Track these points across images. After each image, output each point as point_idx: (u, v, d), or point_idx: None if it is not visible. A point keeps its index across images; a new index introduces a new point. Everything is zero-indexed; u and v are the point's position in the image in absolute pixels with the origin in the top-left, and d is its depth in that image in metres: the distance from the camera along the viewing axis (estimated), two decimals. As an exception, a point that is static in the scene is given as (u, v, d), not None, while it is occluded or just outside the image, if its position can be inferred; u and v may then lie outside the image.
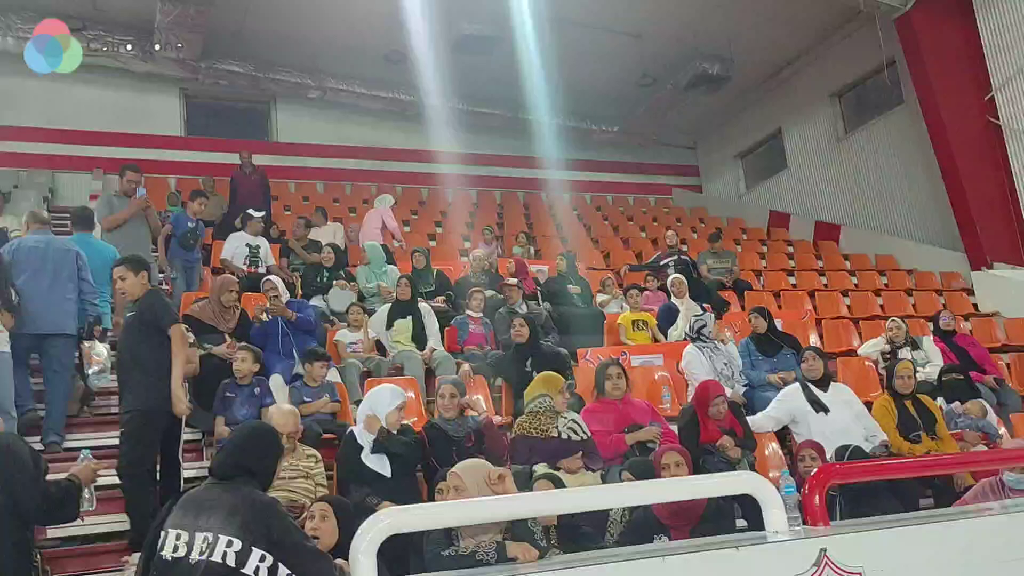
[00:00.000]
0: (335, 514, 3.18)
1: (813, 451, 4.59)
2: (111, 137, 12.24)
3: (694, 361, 6.10)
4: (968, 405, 5.57)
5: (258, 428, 2.89)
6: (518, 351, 6.03)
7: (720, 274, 9.70)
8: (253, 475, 2.69)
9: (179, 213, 8.00)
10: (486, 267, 8.09)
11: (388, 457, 4.22)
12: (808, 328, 8.04)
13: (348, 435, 4.36)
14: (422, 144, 14.25)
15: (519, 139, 14.94)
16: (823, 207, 14.06)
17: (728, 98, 14.83)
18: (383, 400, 4.32)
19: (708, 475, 3.83)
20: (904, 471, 3.74)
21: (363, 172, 14.15)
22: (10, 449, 3.24)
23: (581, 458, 4.48)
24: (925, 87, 10.86)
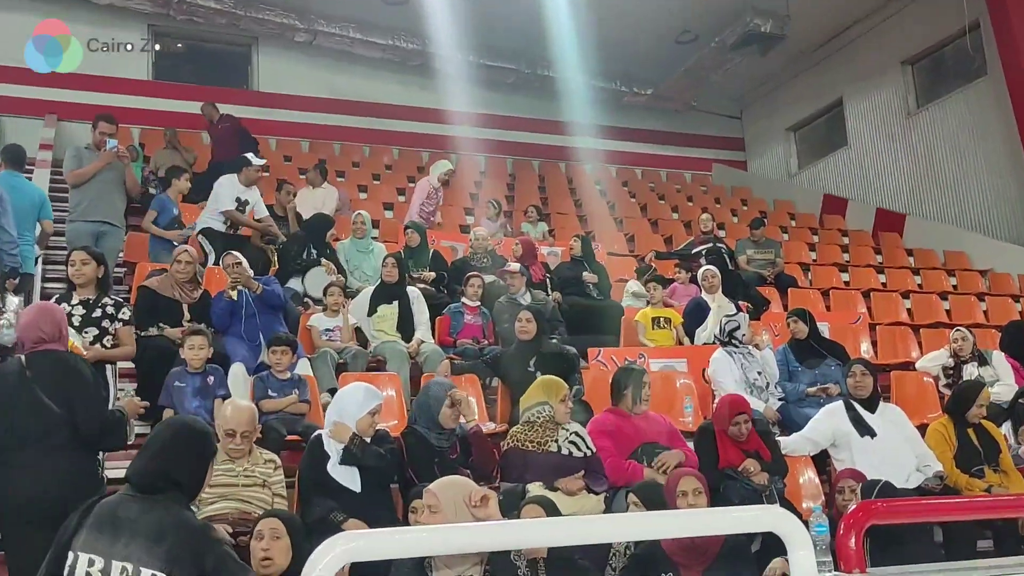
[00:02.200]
0: (288, 532, 3.14)
1: (854, 482, 4.52)
2: (67, 79, 12.18)
3: (722, 369, 6.03)
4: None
5: (185, 427, 2.80)
6: (520, 348, 5.98)
7: (761, 267, 9.62)
8: (178, 486, 2.62)
9: (163, 197, 7.92)
10: (488, 247, 8.02)
11: (359, 470, 4.18)
12: (860, 335, 7.97)
13: (314, 440, 4.32)
14: (424, 100, 14.18)
15: (536, 99, 14.85)
16: (886, 193, 13.92)
17: (781, 61, 14.67)
18: (354, 401, 4.28)
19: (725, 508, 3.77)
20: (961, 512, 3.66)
21: (355, 130, 14.08)
22: (72, 367, 3.69)
23: (583, 478, 4.43)
24: (1012, 56, 10.70)
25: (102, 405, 3.87)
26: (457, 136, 13.97)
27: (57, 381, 3.63)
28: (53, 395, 3.61)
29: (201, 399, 4.89)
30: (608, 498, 4.52)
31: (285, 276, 7.16)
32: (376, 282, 6.94)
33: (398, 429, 4.90)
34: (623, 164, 15.81)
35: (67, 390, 3.63)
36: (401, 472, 4.41)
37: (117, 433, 3.80)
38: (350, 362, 6.08)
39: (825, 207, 14.64)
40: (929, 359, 7.10)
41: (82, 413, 3.61)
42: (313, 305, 6.88)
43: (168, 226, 7.62)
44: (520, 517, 3.74)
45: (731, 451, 4.79)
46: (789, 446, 5.27)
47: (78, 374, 3.69)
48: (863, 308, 9.22)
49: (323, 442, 4.27)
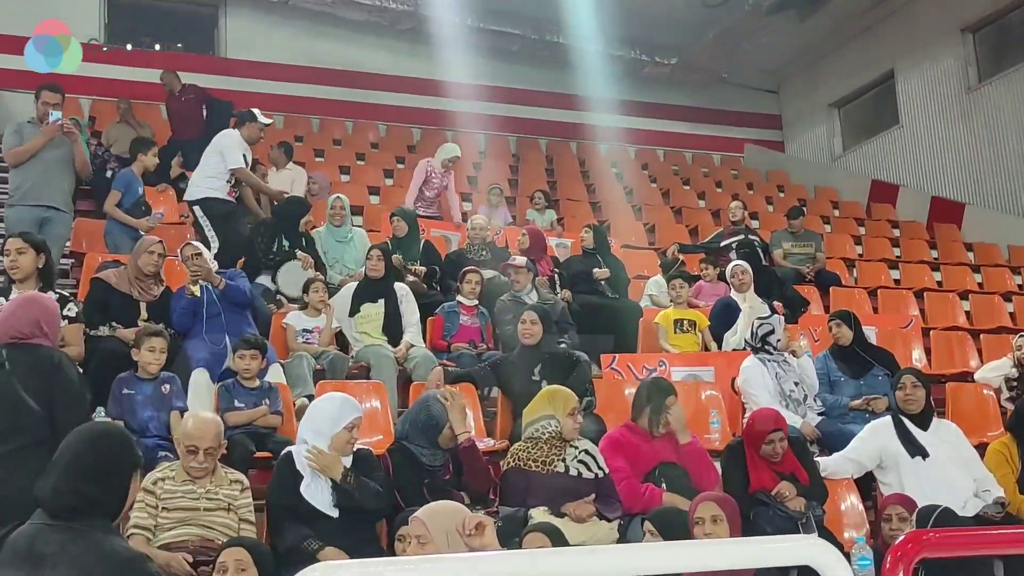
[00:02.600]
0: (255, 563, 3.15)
1: (903, 509, 4.52)
2: (6, 42, 12.21)
3: (754, 379, 6.03)
4: None
5: (98, 437, 2.76)
6: (524, 354, 5.99)
7: (799, 262, 9.62)
8: (98, 506, 2.59)
9: (127, 173, 7.86)
10: (488, 238, 8.03)
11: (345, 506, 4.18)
12: (912, 341, 7.98)
13: (283, 459, 4.31)
14: (415, 70, 14.20)
15: (545, 70, 14.85)
16: (943, 179, 13.92)
17: (824, 28, 14.67)
18: (328, 415, 4.27)
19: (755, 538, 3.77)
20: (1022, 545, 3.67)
21: (336, 103, 14.11)
22: (56, 365, 3.84)
23: (593, 503, 4.44)
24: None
25: (85, 407, 4.01)
26: (453, 111, 13.99)
27: (39, 378, 3.77)
28: (34, 392, 3.73)
29: (155, 410, 4.89)
30: (622, 526, 4.53)
31: (254, 271, 7.14)
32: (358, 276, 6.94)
33: (383, 445, 4.91)
34: (643, 144, 15.82)
35: (49, 388, 3.76)
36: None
37: None
38: (328, 369, 6.08)
39: (873, 195, 14.64)
40: (990, 369, 7.11)
41: (62, 413, 3.71)
42: (287, 303, 6.88)
43: (132, 209, 7.58)
44: (522, 547, 3.75)
45: (763, 473, 4.79)
46: (829, 467, 5.26)
47: (62, 373, 3.83)
48: (915, 310, 9.24)
49: (294, 460, 4.27)
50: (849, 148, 15.95)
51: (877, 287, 9.85)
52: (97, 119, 11.70)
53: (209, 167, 7.49)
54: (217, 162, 7.46)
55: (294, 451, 4.32)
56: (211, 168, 7.47)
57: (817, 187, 15.06)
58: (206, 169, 7.52)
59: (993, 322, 9.24)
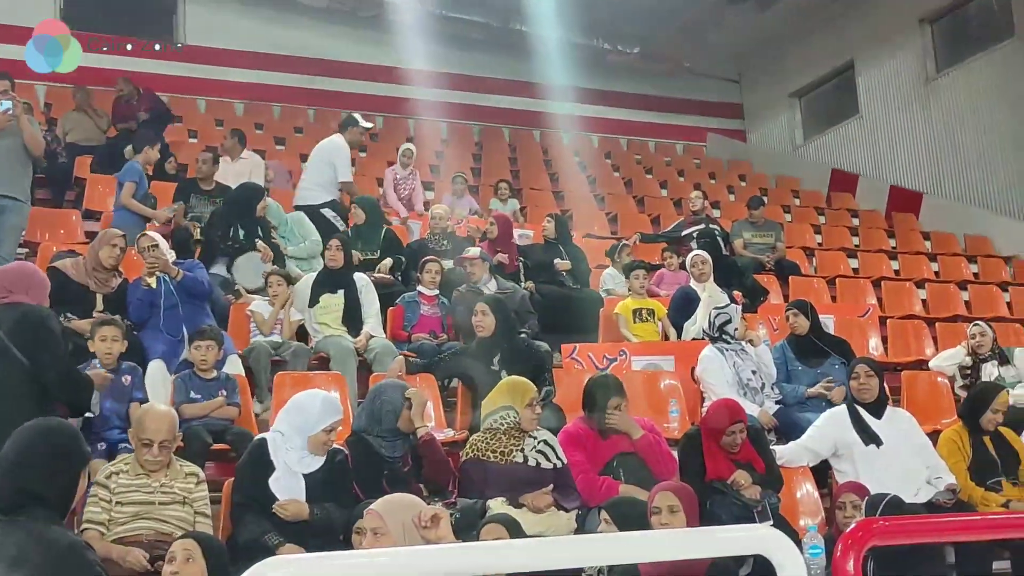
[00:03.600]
0: (205, 556, 3.14)
1: (856, 497, 4.59)
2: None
3: (713, 368, 6.08)
4: None
5: (46, 432, 2.75)
6: (483, 344, 5.98)
7: (759, 252, 9.69)
8: (44, 501, 2.58)
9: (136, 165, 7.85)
10: (448, 228, 8.02)
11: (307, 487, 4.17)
12: (868, 330, 8.08)
13: (256, 445, 4.27)
14: (378, 57, 14.12)
15: (508, 58, 14.82)
16: (902, 168, 14.09)
17: (785, 18, 14.74)
18: (309, 414, 4.22)
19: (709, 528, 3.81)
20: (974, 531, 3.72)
21: (297, 91, 14.01)
22: (41, 319, 4.15)
23: (552, 493, 4.46)
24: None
25: (67, 358, 4.34)
26: (416, 99, 13.93)
27: (23, 331, 4.06)
28: (19, 344, 4.03)
29: (113, 401, 4.84)
30: (581, 516, 4.55)
31: (210, 261, 7.08)
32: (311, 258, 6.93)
33: (342, 437, 4.89)
34: (606, 133, 15.88)
35: (33, 341, 4.06)
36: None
37: (79, 391, 4.28)
38: (290, 360, 6.05)
39: (833, 184, 14.79)
40: (944, 357, 7.20)
41: (45, 360, 4.06)
42: (246, 293, 6.83)
43: (142, 201, 7.59)
44: (479, 538, 3.75)
45: (720, 462, 4.83)
46: (785, 456, 5.32)
47: (46, 327, 4.16)
48: (873, 299, 9.35)
49: (267, 448, 4.23)
50: (810, 138, 16.08)
51: (836, 276, 9.96)
52: (53, 106, 11.53)
53: (320, 175, 8.04)
54: (328, 172, 8.00)
55: (268, 439, 4.27)
56: (322, 176, 8.03)
57: (778, 176, 15.18)
58: (316, 177, 8.07)
59: (949, 310, 9.37)
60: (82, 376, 4.34)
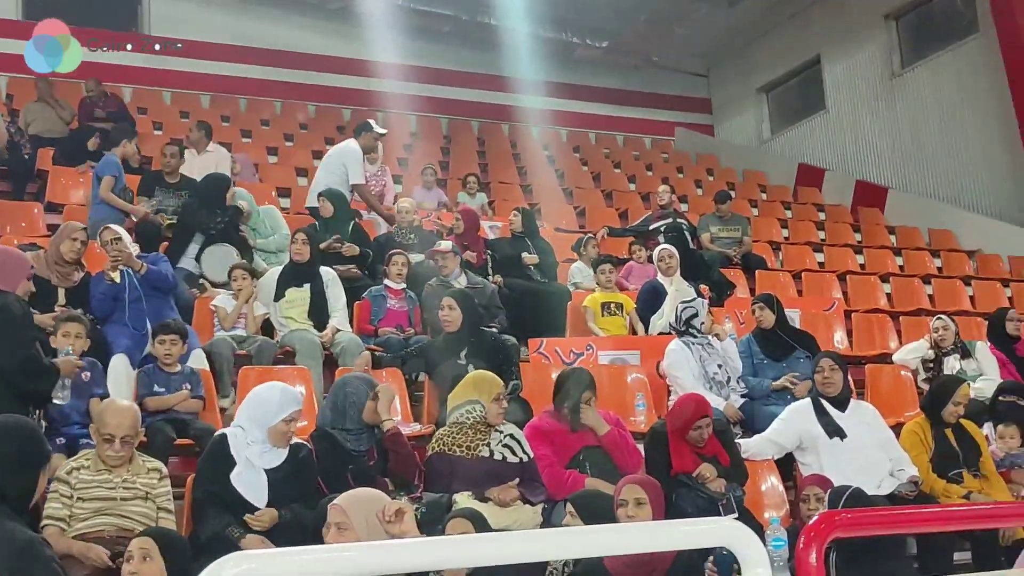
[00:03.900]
0: (162, 553, 3.11)
1: (820, 490, 4.62)
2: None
3: (679, 362, 6.10)
4: (1002, 429, 5.65)
5: (3, 429, 2.75)
6: (450, 338, 5.97)
7: (726, 246, 9.72)
8: (2, 498, 2.57)
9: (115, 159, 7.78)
10: (415, 222, 7.98)
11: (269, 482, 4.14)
12: (833, 323, 8.14)
13: (216, 441, 4.25)
14: (345, 50, 14.06)
15: (476, 51, 14.80)
16: (868, 163, 14.22)
17: (753, 12, 14.83)
18: (267, 405, 4.21)
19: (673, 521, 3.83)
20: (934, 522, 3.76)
21: (264, 83, 13.92)
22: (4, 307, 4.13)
23: (518, 487, 4.46)
24: (1006, 12, 10.96)
25: (26, 344, 4.25)
26: (384, 92, 13.85)
27: None
28: None
29: (75, 397, 4.78)
30: (547, 510, 4.55)
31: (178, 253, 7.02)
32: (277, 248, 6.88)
33: (308, 431, 4.87)
34: (574, 127, 15.91)
35: None
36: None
37: (37, 381, 4.25)
38: (255, 355, 6.01)
39: (800, 178, 14.88)
40: (908, 351, 7.27)
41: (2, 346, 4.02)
42: (211, 288, 6.78)
43: (120, 195, 7.51)
44: (445, 533, 3.75)
45: (685, 455, 4.86)
46: (750, 449, 5.36)
47: (6, 311, 4.12)
48: (838, 293, 9.42)
49: (228, 444, 4.21)
50: (777, 132, 16.19)
51: (802, 270, 10.01)
52: (15, 97, 11.37)
53: (332, 177, 8.12)
54: (341, 173, 8.13)
55: (228, 434, 4.25)
56: (333, 178, 8.11)
57: (745, 171, 15.25)
58: (328, 179, 8.12)
59: (913, 304, 9.45)
60: (43, 365, 4.26)
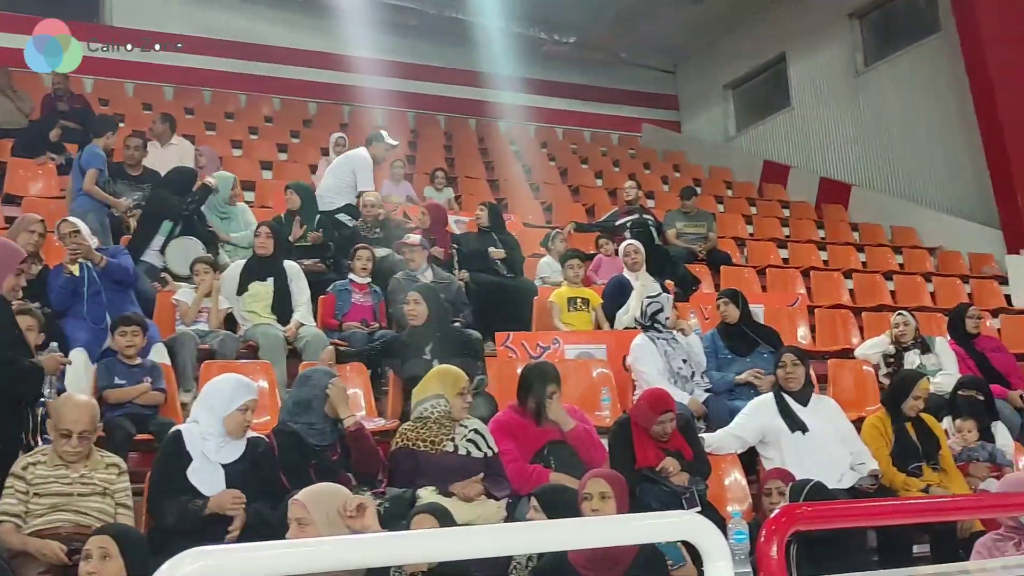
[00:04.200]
0: (122, 552, 3.07)
1: (782, 483, 4.65)
2: None
3: (644, 357, 6.12)
4: (959, 423, 5.72)
5: None
6: (415, 333, 5.95)
7: (692, 241, 9.77)
8: None
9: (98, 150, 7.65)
10: (380, 216, 7.94)
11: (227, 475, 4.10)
12: (797, 319, 8.18)
13: (171, 437, 4.21)
14: (312, 43, 13.97)
15: (444, 46, 14.76)
16: (832, 160, 14.33)
17: (720, 10, 14.91)
18: (221, 395, 4.18)
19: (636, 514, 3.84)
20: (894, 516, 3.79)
21: (229, 75, 13.80)
22: None
23: (482, 481, 4.45)
24: (966, 12, 11.07)
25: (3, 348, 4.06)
26: (351, 85, 13.80)
27: None
28: None
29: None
30: (511, 505, 4.55)
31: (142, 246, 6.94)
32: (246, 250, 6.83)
33: (270, 426, 4.83)
34: (542, 122, 15.88)
35: None
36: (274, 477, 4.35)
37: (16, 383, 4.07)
38: (218, 349, 5.96)
39: (765, 175, 14.98)
40: (869, 346, 7.33)
41: None
42: (172, 281, 6.70)
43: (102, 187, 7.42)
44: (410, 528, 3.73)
45: (649, 449, 4.87)
46: (714, 443, 5.38)
47: None
48: (802, 289, 9.47)
49: (183, 440, 4.17)
50: (743, 129, 16.28)
51: (766, 266, 10.08)
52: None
53: (340, 182, 8.24)
54: (349, 180, 8.21)
55: (184, 430, 4.22)
56: (341, 183, 8.22)
57: (711, 167, 15.32)
58: (335, 184, 8.25)
59: (875, 300, 9.55)
60: (23, 367, 4.08)
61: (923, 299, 9.86)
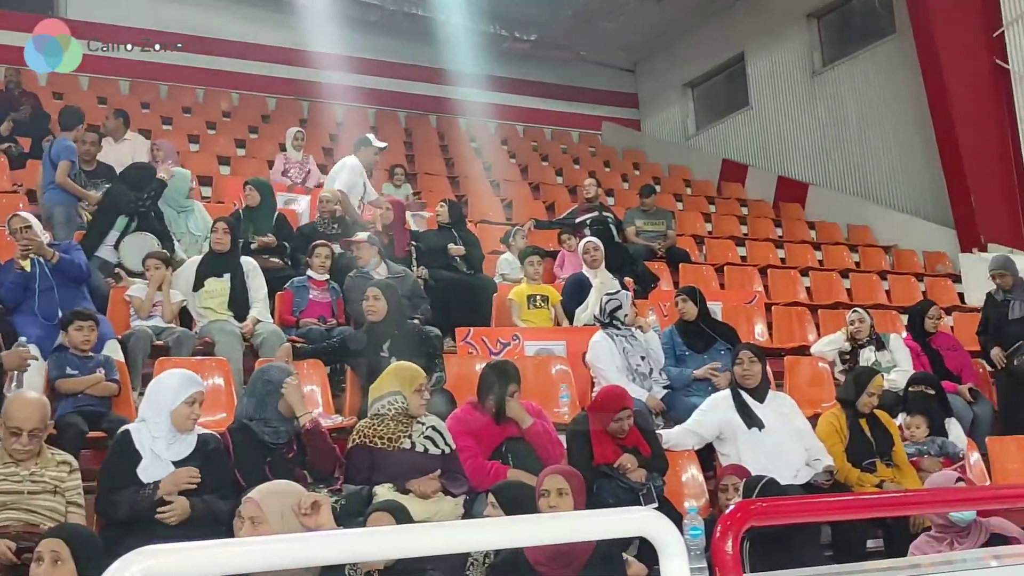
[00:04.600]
0: (74, 555, 3.02)
1: (738, 479, 4.68)
2: None
3: (602, 354, 6.13)
4: (909, 419, 5.80)
5: None
6: (373, 329, 5.92)
7: (651, 239, 9.81)
8: None
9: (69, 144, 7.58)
10: (336, 212, 7.89)
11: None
12: (754, 316, 8.25)
13: (121, 436, 4.15)
14: (271, 38, 13.88)
15: (404, 42, 14.72)
16: (789, 159, 14.45)
17: (680, 9, 14.98)
18: (167, 390, 4.13)
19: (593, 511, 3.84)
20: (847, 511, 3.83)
21: (186, 69, 13.61)
22: None
23: (439, 478, 4.44)
24: (922, 14, 11.21)
25: None
26: (309, 81, 13.70)
27: None
28: None
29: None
30: (468, 502, 4.54)
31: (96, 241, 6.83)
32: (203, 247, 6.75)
33: (226, 424, 4.78)
34: (502, 119, 15.87)
35: None
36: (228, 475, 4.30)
37: None
38: (173, 346, 5.88)
39: (724, 174, 15.09)
40: (825, 343, 7.41)
41: None
42: (127, 277, 6.61)
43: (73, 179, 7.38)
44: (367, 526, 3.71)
45: (607, 446, 4.88)
46: (671, 439, 5.40)
47: None
48: (759, 286, 9.55)
49: (132, 438, 4.11)
50: (702, 128, 16.37)
51: (724, 264, 10.13)
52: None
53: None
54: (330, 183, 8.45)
55: (132, 429, 4.16)
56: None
57: (671, 165, 15.41)
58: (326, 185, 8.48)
59: (831, 298, 9.65)
60: None
61: (878, 297, 9.99)
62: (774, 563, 3.85)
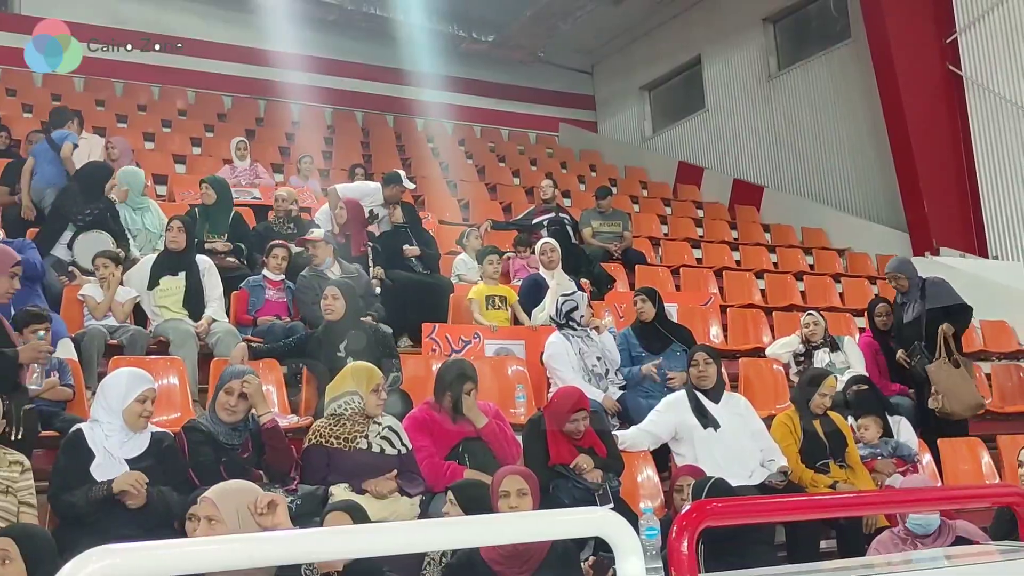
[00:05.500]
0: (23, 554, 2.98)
1: (693, 480, 4.72)
2: None
3: (559, 354, 6.15)
4: (859, 422, 5.88)
5: None
6: (329, 329, 5.89)
7: (607, 240, 9.83)
8: None
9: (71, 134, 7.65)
10: (292, 212, 7.85)
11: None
12: (709, 317, 8.31)
13: (73, 435, 4.11)
14: (228, 36, 13.77)
15: (362, 41, 14.68)
16: (745, 162, 14.59)
17: (637, 12, 15.08)
18: (116, 388, 4.11)
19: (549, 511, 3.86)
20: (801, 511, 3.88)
21: (141, 67, 13.40)
22: None
23: (396, 479, 4.43)
24: (876, 20, 11.37)
25: None
26: (267, 80, 13.61)
27: None
28: None
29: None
30: (424, 502, 4.54)
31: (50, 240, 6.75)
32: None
33: (181, 423, 4.74)
34: (460, 120, 15.87)
35: None
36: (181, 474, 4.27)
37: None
38: (127, 345, 5.82)
39: (680, 176, 15.20)
40: (779, 345, 7.49)
41: None
42: (80, 275, 6.53)
43: None
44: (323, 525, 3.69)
45: (563, 447, 4.89)
46: (627, 440, 5.43)
47: None
48: (715, 288, 9.63)
49: (84, 438, 4.09)
50: (658, 130, 16.49)
51: (680, 266, 10.21)
52: None
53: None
54: None
55: (84, 428, 4.14)
56: None
57: (627, 167, 15.48)
58: None
59: (785, 300, 9.75)
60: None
61: (832, 299, 10.10)
62: (728, 563, 3.89)
